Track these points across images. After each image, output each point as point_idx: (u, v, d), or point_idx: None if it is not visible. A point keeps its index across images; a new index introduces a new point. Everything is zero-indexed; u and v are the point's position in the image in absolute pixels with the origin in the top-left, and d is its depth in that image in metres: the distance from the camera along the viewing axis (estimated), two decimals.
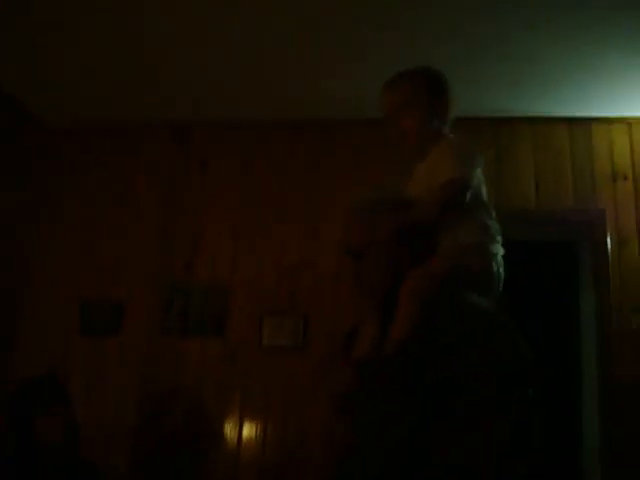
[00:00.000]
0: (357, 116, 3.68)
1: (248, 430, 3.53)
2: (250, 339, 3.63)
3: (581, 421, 3.70)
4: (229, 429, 3.55)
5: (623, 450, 3.22)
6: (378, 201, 1.78)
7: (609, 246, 3.53)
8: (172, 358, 3.67)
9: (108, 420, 3.56)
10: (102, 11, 3.01)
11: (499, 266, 1.76)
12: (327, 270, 3.59)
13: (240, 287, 3.73)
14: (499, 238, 1.79)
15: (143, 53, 3.35)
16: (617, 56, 3.13)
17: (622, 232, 3.57)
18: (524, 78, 3.39)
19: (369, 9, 2.91)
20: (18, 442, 2.64)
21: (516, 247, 4.22)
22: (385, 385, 1.59)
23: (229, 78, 3.56)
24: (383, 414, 1.58)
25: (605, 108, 3.62)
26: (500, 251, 1.78)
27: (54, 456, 2.66)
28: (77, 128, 4.15)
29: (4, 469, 2.58)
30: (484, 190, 1.84)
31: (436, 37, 3.07)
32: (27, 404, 2.70)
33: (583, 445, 3.64)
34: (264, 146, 4.00)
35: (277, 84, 3.58)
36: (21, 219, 3.92)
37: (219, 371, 3.62)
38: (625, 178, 3.65)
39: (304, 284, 3.67)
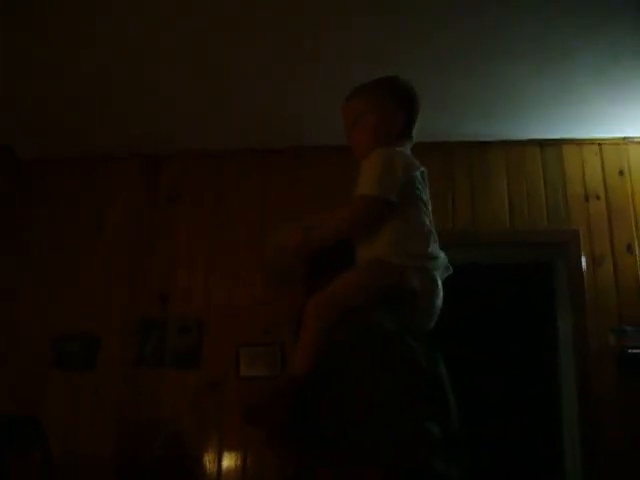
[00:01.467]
0: (330, 142, 3.67)
1: (227, 461, 3.48)
2: (227, 370, 3.59)
3: (562, 439, 3.71)
4: (208, 461, 3.49)
5: (602, 463, 3.26)
6: (291, 227, 1.71)
7: (584, 266, 3.56)
8: (148, 391, 3.61)
9: (85, 454, 3.48)
10: (71, 44, 2.99)
11: (426, 281, 1.59)
12: None
13: (215, 318, 3.69)
14: (430, 251, 1.63)
15: (111, 85, 3.33)
16: (584, 80, 3.19)
17: (596, 251, 3.60)
18: (495, 103, 3.43)
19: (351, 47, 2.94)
20: None
21: (491, 270, 4.33)
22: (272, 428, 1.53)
23: (198, 109, 3.56)
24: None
25: (575, 130, 3.67)
26: (429, 265, 1.61)
27: None
28: (46, 159, 4.10)
29: None
30: (418, 192, 1.69)
31: (416, 66, 3.08)
32: (3, 443, 2.64)
33: (564, 461, 3.64)
34: (236, 176, 3.98)
35: (246, 113, 3.58)
36: None
37: (197, 403, 3.56)
38: (597, 198, 3.69)
39: (279, 313, 3.63)
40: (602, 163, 3.75)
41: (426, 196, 1.71)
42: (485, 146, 3.82)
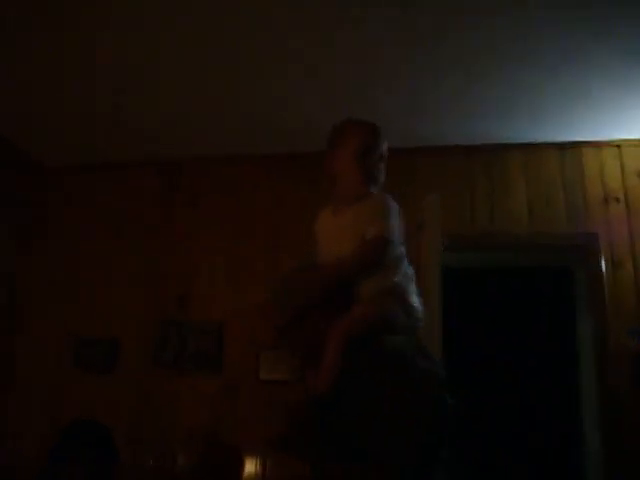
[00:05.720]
0: None
1: (248, 466, 3.49)
2: (247, 374, 3.60)
3: (582, 441, 3.70)
4: (229, 465, 3.51)
5: (624, 463, 3.23)
6: (295, 270, 1.93)
7: (603, 269, 3.54)
8: (167, 394, 3.63)
9: None
10: (87, 51, 3.03)
11: (416, 309, 1.86)
12: None
13: (235, 322, 3.71)
14: (413, 286, 1.90)
15: (128, 91, 3.37)
16: (603, 82, 3.17)
17: (616, 254, 3.57)
18: (514, 107, 3.43)
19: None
20: None
21: (511, 274, 4.32)
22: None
23: (215, 115, 3.59)
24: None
25: (594, 132, 3.65)
26: (415, 295, 1.87)
27: None
28: (65, 165, 4.16)
29: None
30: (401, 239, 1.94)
31: (435, 69, 3.11)
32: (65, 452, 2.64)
33: (586, 462, 3.63)
34: (254, 181, 4.00)
35: (263, 118, 3.60)
36: (8, 254, 3.92)
37: (216, 407, 3.58)
38: (617, 200, 3.67)
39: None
40: (621, 165, 3.73)
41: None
42: (504, 149, 3.81)
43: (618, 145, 3.74)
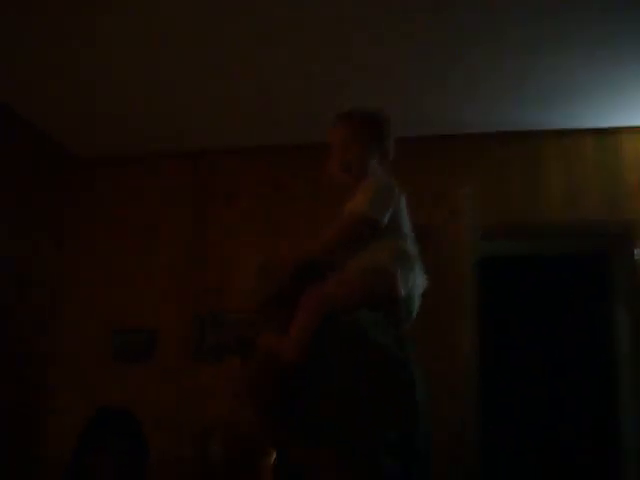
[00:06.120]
0: None
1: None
2: None
3: (619, 430, 3.67)
4: (266, 456, 3.53)
5: None
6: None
7: None
8: (205, 385, 3.67)
9: None
10: (133, 44, 3.05)
11: (409, 291, 1.79)
12: None
13: None
14: (416, 266, 1.83)
15: (161, 82, 3.39)
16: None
17: None
18: (550, 93, 3.39)
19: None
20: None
21: (547, 261, 4.29)
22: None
23: (250, 106, 3.59)
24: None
25: (632, 118, 3.60)
26: (414, 277, 1.81)
27: None
28: (102, 158, 4.20)
29: None
30: (404, 219, 1.89)
31: (463, 53, 3.09)
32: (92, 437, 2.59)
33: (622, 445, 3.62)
34: (290, 172, 3.98)
35: (296, 109, 3.60)
36: (48, 249, 3.98)
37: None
38: None
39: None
40: None
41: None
42: (540, 136, 3.76)
43: None
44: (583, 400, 4.43)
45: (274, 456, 3.07)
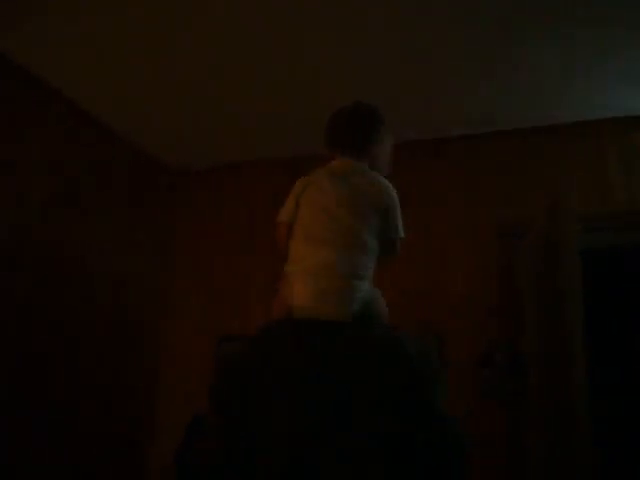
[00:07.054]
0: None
1: None
2: None
3: None
4: None
5: None
6: None
7: None
8: None
9: None
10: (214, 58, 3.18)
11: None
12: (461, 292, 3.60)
13: None
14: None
15: (255, 92, 3.50)
16: None
17: None
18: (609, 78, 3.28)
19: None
20: None
21: (605, 253, 4.10)
22: None
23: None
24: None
25: None
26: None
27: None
28: (193, 168, 4.37)
29: None
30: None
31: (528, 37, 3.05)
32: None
33: None
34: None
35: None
36: (155, 262, 4.16)
37: None
38: None
39: (434, 306, 3.64)
40: None
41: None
42: (636, 122, 3.62)
43: None
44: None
45: None
